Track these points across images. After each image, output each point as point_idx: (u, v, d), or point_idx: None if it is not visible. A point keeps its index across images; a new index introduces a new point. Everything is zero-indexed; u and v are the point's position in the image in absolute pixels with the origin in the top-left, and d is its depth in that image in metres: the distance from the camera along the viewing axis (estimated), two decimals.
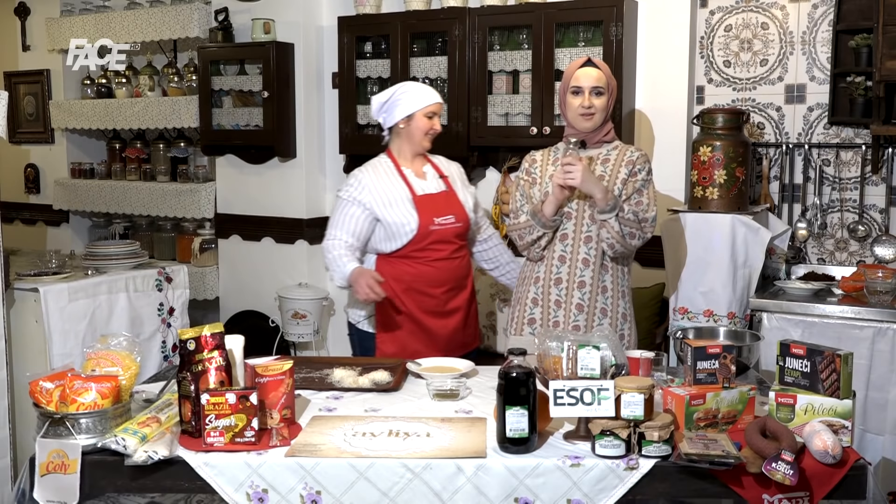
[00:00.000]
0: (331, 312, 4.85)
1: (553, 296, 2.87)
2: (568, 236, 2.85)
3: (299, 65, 4.64)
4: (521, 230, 2.89)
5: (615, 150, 2.92)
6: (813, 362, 2.10)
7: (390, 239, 3.09)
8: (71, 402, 2.09)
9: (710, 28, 3.99)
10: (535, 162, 2.99)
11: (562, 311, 2.86)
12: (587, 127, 2.85)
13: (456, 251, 3.16)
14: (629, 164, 2.86)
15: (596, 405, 2.01)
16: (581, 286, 2.84)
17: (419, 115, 3.08)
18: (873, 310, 3.18)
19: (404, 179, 3.12)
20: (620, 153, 2.90)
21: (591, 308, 2.84)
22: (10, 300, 3.52)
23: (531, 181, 2.95)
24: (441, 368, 2.67)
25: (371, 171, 3.16)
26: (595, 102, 2.82)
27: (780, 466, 1.89)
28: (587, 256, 2.83)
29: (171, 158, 5.29)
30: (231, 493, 2.01)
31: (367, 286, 2.88)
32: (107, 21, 5.21)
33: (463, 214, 3.16)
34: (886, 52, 3.31)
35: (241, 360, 2.31)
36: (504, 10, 4.06)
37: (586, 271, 2.83)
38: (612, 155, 2.90)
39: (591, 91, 2.82)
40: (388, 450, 2.05)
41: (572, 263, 2.84)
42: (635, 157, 2.88)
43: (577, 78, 2.85)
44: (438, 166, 3.24)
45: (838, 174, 3.81)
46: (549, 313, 2.88)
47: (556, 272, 2.87)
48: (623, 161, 2.87)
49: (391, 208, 3.07)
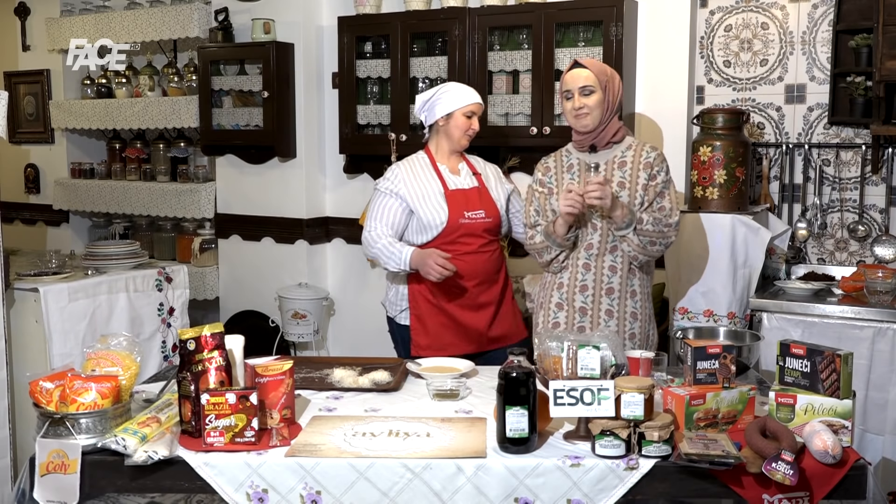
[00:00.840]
0: (331, 312, 4.85)
1: (578, 303, 2.87)
2: (593, 246, 2.85)
3: (299, 65, 4.64)
4: (537, 250, 2.91)
5: (630, 150, 2.89)
6: (813, 362, 2.10)
7: (422, 231, 3.14)
8: (71, 402, 2.09)
9: (710, 28, 3.99)
10: (549, 170, 2.97)
11: (588, 318, 2.86)
12: (584, 125, 2.85)
13: (485, 245, 3.18)
14: (647, 166, 2.83)
15: (596, 405, 2.01)
16: (609, 293, 2.85)
17: (458, 113, 3.13)
18: (873, 310, 3.18)
19: (438, 174, 3.18)
20: (636, 154, 2.87)
21: (622, 312, 2.85)
22: (10, 300, 3.52)
23: (547, 192, 2.94)
24: (441, 368, 2.68)
25: (407, 165, 3.23)
26: (586, 102, 2.81)
27: (780, 466, 1.89)
28: (614, 264, 2.84)
29: (171, 158, 5.29)
30: (231, 493, 2.01)
31: (436, 265, 2.93)
32: (107, 21, 5.21)
33: (494, 210, 3.19)
34: (886, 52, 3.31)
35: (241, 360, 2.31)
36: (504, 10, 4.06)
37: (614, 278, 2.84)
38: (627, 157, 2.87)
39: (579, 92, 2.82)
40: (388, 450, 2.05)
41: (598, 271, 2.85)
42: (652, 159, 2.85)
43: (566, 82, 2.86)
44: (473, 164, 3.29)
45: (838, 174, 3.81)
46: (574, 318, 2.88)
47: (581, 280, 2.86)
48: (641, 164, 2.84)
49: (424, 201, 3.12)
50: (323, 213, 4.83)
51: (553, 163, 2.98)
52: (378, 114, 4.40)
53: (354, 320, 4.82)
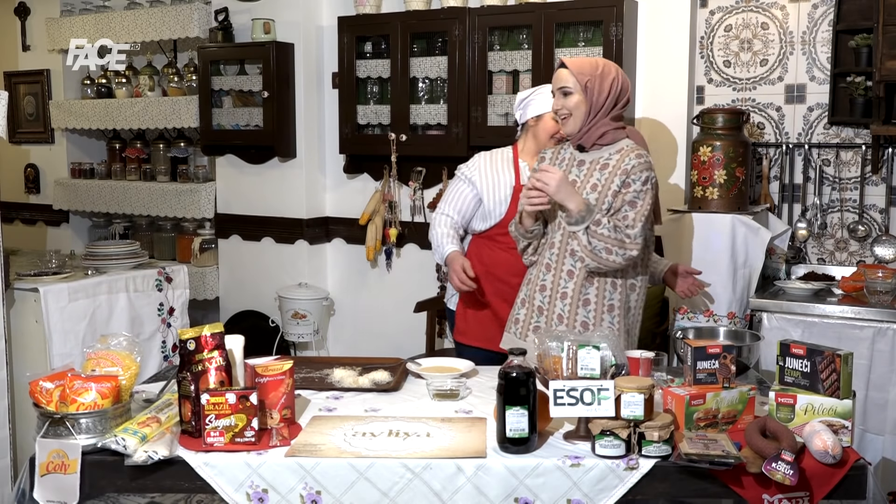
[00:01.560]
0: (331, 312, 4.85)
1: (537, 301, 2.80)
2: (555, 245, 2.77)
3: (299, 65, 4.65)
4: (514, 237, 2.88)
5: (617, 153, 2.72)
6: (813, 362, 2.10)
7: (483, 218, 3.15)
8: (71, 402, 2.09)
9: (710, 28, 3.99)
10: (544, 160, 2.88)
11: (543, 318, 2.78)
12: (565, 131, 2.75)
13: None
14: (624, 173, 2.66)
15: (596, 405, 2.01)
16: (563, 297, 2.75)
17: (547, 116, 3.07)
18: (873, 310, 3.18)
19: (516, 169, 3.15)
20: (621, 159, 2.70)
21: (571, 319, 2.74)
22: (10, 300, 3.52)
23: None
24: (441, 368, 2.67)
25: (489, 156, 3.22)
26: (565, 103, 2.70)
27: (780, 466, 1.89)
28: (572, 268, 2.73)
29: (171, 158, 5.29)
30: (231, 493, 2.01)
31: (457, 276, 2.97)
32: (107, 21, 5.21)
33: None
34: (886, 52, 3.31)
35: (241, 360, 2.31)
36: (504, 10, 4.06)
37: (570, 283, 2.73)
38: (612, 160, 2.71)
39: (559, 93, 2.72)
40: (388, 450, 2.05)
41: (556, 273, 2.76)
42: (631, 166, 2.66)
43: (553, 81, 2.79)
44: None
45: (838, 174, 3.81)
46: (531, 317, 2.82)
47: (541, 279, 2.79)
48: (620, 169, 2.67)
49: (493, 191, 3.12)
50: (323, 213, 4.83)
51: (550, 154, 2.89)
52: (378, 114, 4.41)
53: (354, 320, 4.82)
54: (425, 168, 4.45)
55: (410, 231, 4.57)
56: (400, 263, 4.65)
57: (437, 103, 4.27)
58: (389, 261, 4.66)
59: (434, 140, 4.27)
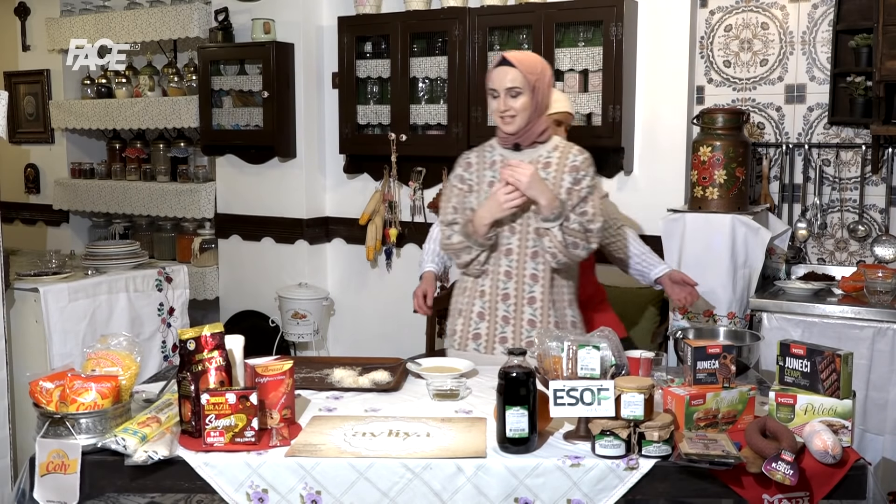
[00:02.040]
0: (331, 312, 4.85)
1: (501, 311, 2.76)
2: (513, 251, 2.72)
3: (299, 65, 4.65)
4: (455, 250, 2.75)
5: (556, 151, 2.73)
6: (813, 362, 2.10)
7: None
8: (71, 402, 2.09)
9: (710, 28, 3.99)
10: (471, 166, 2.80)
11: (510, 328, 2.76)
12: (510, 131, 2.68)
13: None
14: (573, 170, 2.68)
15: (596, 405, 2.01)
16: (531, 302, 2.73)
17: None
18: (873, 310, 3.18)
19: None
20: (563, 156, 2.71)
21: (545, 322, 2.73)
22: (10, 300, 3.52)
23: (467, 189, 2.78)
24: (441, 368, 2.67)
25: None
26: (513, 105, 2.64)
27: (780, 466, 1.89)
28: (535, 272, 2.72)
29: (171, 158, 5.30)
30: (231, 493, 2.01)
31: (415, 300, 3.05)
32: (107, 21, 5.21)
33: None
34: (886, 52, 3.31)
35: (241, 360, 2.31)
36: (504, 10, 4.06)
37: (535, 287, 2.72)
38: (553, 158, 2.72)
39: (506, 93, 2.64)
40: (388, 450, 2.05)
41: (519, 279, 2.72)
42: (579, 162, 2.69)
43: (492, 79, 2.67)
44: None
45: (838, 174, 3.81)
46: (496, 329, 2.78)
47: (503, 288, 2.74)
48: (566, 166, 2.68)
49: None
50: (323, 213, 4.84)
51: (475, 158, 2.81)
52: (378, 114, 4.41)
53: (354, 320, 4.82)
54: (425, 168, 4.45)
55: (410, 231, 4.57)
56: (400, 263, 4.65)
57: (437, 103, 4.27)
58: (389, 261, 4.66)
59: (434, 140, 4.27)
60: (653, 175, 3.98)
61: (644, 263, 3.21)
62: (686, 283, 3.14)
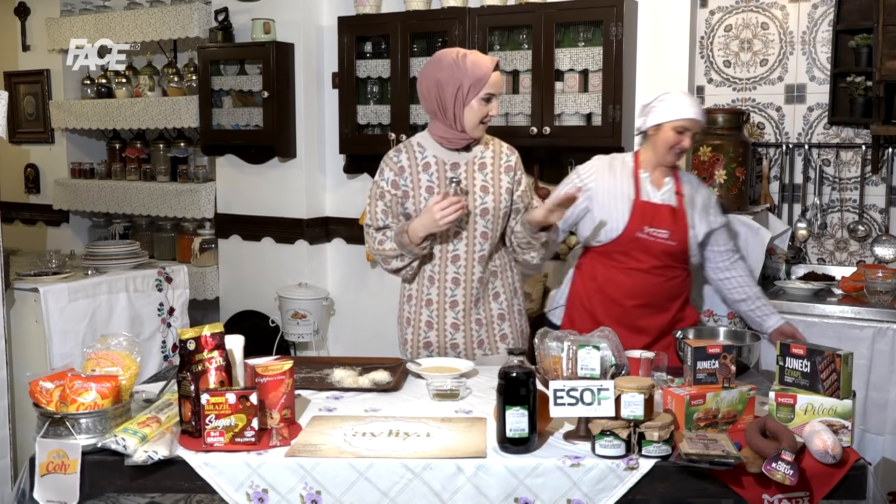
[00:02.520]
0: (331, 312, 4.85)
1: (450, 319, 2.77)
2: (460, 258, 2.71)
3: (299, 65, 4.65)
4: (385, 256, 2.73)
5: (488, 149, 2.75)
6: (813, 362, 2.10)
7: (595, 232, 2.96)
8: (71, 402, 2.09)
9: (710, 28, 4.00)
10: (404, 171, 2.72)
11: (460, 334, 2.78)
12: (479, 136, 2.70)
13: (659, 268, 2.92)
14: (509, 170, 2.72)
15: (596, 405, 2.01)
16: (477, 303, 2.75)
17: (668, 126, 2.86)
18: (873, 310, 3.18)
19: (636, 181, 2.95)
20: (496, 155, 2.74)
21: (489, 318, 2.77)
22: (10, 300, 3.52)
23: (401, 195, 2.73)
24: (441, 368, 2.67)
25: (608, 163, 3.02)
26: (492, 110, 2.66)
27: (780, 466, 1.89)
28: (482, 275, 2.73)
29: (171, 158, 5.30)
30: (231, 493, 2.01)
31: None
32: (107, 21, 5.21)
33: (682, 236, 2.92)
34: (886, 52, 3.31)
35: (241, 360, 2.31)
36: (504, 10, 4.06)
37: (482, 290, 2.75)
38: (486, 158, 2.73)
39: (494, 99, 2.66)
40: (388, 450, 2.05)
41: (467, 286, 2.73)
42: (514, 162, 2.74)
43: (492, 84, 2.64)
44: (681, 183, 3.01)
45: (838, 174, 3.81)
46: (445, 336, 2.79)
47: (451, 295, 2.75)
48: (502, 166, 2.72)
49: (609, 203, 2.92)
50: (323, 213, 4.83)
51: (407, 161, 2.73)
52: (378, 114, 4.41)
53: (354, 320, 4.82)
54: None
55: None
56: None
57: None
58: None
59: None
60: None
61: (759, 311, 3.02)
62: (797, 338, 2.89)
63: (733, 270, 3.06)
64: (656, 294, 2.94)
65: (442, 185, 2.69)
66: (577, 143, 3.87)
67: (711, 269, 3.09)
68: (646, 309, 2.94)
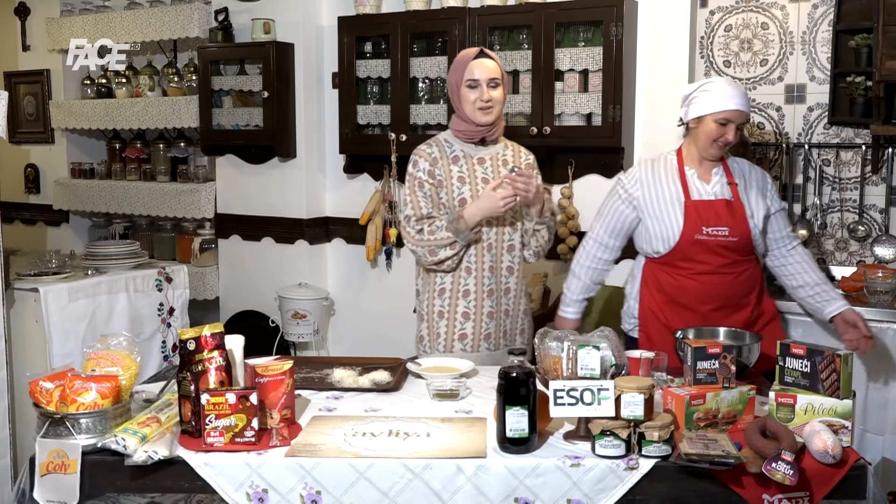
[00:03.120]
0: (331, 312, 4.85)
1: (486, 308, 2.86)
2: (493, 246, 2.84)
3: (299, 65, 4.65)
4: (434, 245, 2.76)
5: (508, 149, 2.92)
6: (813, 362, 2.10)
7: (651, 242, 2.85)
8: (71, 402, 2.09)
9: (710, 28, 3.99)
10: (438, 161, 2.85)
11: (494, 322, 2.88)
12: (486, 121, 2.78)
13: (727, 266, 2.79)
14: (528, 167, 2.89)
15: (596, 405, 2.01)
16: (507, 293, 2.90)
17: (710, 118, 2.75)
18: (873, 310, 3.18)
19: (683, 181, 2.84)
20: (516, 155, 2.92)
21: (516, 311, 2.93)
22: (10, 300, 3.52)
23: (437, 184, 2.84)
24: (441, 368, 2.67)
25: (651, 166, 2.92)
26: (493, 95, 2.76)
27: (780, 466, 1.89)
28: (511, 264, 2.88)
29: (171, 158, 5.29)
30: (231, 493, 2.01)
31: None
32: (107, 21, 5.21)
33: (744, 228, 2.79)
34: (886, 52, 3.31)
35: (241, 360, 2.31)
36: (504, 10, 4.06)
37: (511, 278, 2.88)
38: (507, 156, 2.90)
39: (487, 83, 2.75)
40: (388, 450, 2.05)
41: (498, 272, 2.86)
42: (532, 161, 2.94)
43: (472, 70, 2.76)
44: (732, 172, 2.88)
45: (838, 174, 3.81)
46: (481, 326, 2.86)
47: (487, 284, 2.85)
48: (522, 165, 2.89)
49: (658, 212, 2.82)
50: (323, 213, 4.83)
51: (438, 153, 2.86)
52: (378, 114, 4.41)
53: (354, 320, 4.82)
54: None
55: None
56: (400, 263, 4.65)
57: (437, 103, 4.27)
58: (389, 261, 4.66)
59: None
60: None
61: (819, 297, 2.89)
62: (858, 328, 2.81)
63: (791, 256, 2.93)
64: (730, 294, 2.81)
65: (472, 176, 2.85)
66: (576, 143, 3.87)
67: (769, 257, 2.96)
68: (722, 310, 2.80)
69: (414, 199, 2.84)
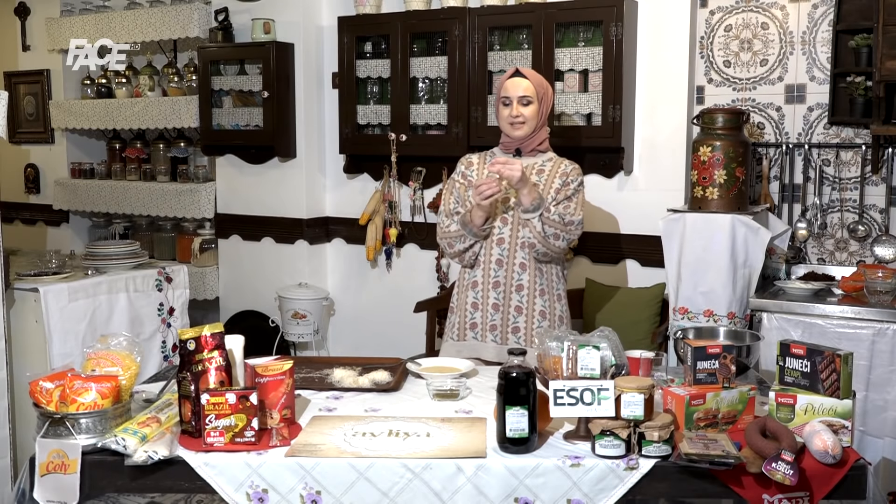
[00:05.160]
0: (331, 312, 4.85)
1: (491, 299, 2.97)
2: (504, 241, 2.95)
3: (299, 65, 4.65)
4: (451, 238, 2.98)
5: (550, 161, 3.03)
6: (813, 362, 2.10)
7: None
8: (71, 402, 2.09)
9: (710, 28, 3.99)
10: (472, 164, 3.09)
11: (500, 315, 2.96)
12: (518, 135, 2.97)
13: None
14: (563, 175, 2.97)
15: (596, 405, 2.01)
16: (519, 289, 2.95)
17: None
18: (873, 310, 3.18)
19: None
20: (555, 165, 3.01)
21: (530, 310, 2.95)
22: (10, 300, 3.52)
23: (468, 184, 3.03)
24: (441, 368, 2.68)
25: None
26: (523, 112, 2.94)
27: (780, 466, 1.89)
28: (524, 261, 2.94)
29: (171, 158, 5.30)
30: (231, 493, 2.01)
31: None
32: (107, 21, 5.21)
33: None
34: (886, 52, 3.31)
35: (241, 360, 2.31)
36: (504, 10, 4.06)
37: (524, 275, 2.94)
38: (546, 166, 3.01)
39: (518, 101, 2.94)
40: (388, 450, 2.05)
41: (509, 267, 2.95)
42: (569, 170, 2.99)
43: (506, 88, 2.97)
44: None
45: (838, 174, 3.81)
46: (487, 317, 2.97)
47: (493, 276, 2.96)
48: (557, 173, 2.97)
49: None
50: (323, 213, 4.84)
51: (477, 159, 3.11)
52: (378, 114, 4.41)
53: (354, 320, 4.82)
54: (425, 168, 4.45)
55: (410, 231, 4.57)
56: (400, 263, 4.66)
57: (437, 103, 4.27)
58: (389, 261, 4.66)
59: (434, 140, 4.27)
60: (653, 175, 3.98)
61: None
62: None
63: None
64: None
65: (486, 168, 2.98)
66: (577, 143, 3.87)
67: None
68: None
69: (446, 196, 3.08)
